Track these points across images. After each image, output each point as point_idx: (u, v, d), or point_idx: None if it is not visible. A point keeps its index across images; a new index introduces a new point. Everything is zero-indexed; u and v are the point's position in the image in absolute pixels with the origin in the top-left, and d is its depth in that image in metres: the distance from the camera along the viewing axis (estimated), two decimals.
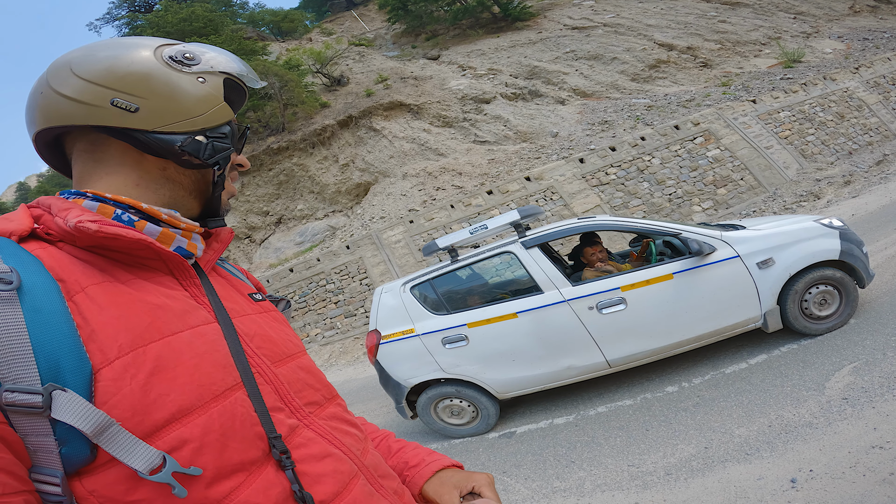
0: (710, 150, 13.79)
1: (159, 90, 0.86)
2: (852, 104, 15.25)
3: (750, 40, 21.07)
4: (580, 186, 13.18)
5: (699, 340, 4.86)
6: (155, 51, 0.90)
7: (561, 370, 4.96)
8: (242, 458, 0.76)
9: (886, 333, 4.48)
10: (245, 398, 0.80)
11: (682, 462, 3.73)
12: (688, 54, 20.63)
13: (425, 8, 29.53)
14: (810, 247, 4.76)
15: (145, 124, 0.85)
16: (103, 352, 0.70)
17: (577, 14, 25.82)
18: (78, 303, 0.73)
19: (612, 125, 16.10)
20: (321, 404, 0.96)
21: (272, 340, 0.95)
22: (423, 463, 1.15)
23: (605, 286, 4.83)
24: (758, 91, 16.11)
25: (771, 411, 3.97)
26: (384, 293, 5.49)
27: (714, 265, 4.71)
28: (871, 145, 14.42)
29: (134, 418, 0.68)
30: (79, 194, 0.86)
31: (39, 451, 0.66)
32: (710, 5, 24.90)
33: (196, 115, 0.90)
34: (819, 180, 12.86)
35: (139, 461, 0.66)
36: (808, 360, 4.50)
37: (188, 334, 0.80)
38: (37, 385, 0.64)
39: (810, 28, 21.86)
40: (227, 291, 0.98)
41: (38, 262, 0.75)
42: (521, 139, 16.81)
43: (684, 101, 16.80)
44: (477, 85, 19.52)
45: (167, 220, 0.89)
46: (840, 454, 3.22)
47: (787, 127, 14.39)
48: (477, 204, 13.27)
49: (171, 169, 0.93)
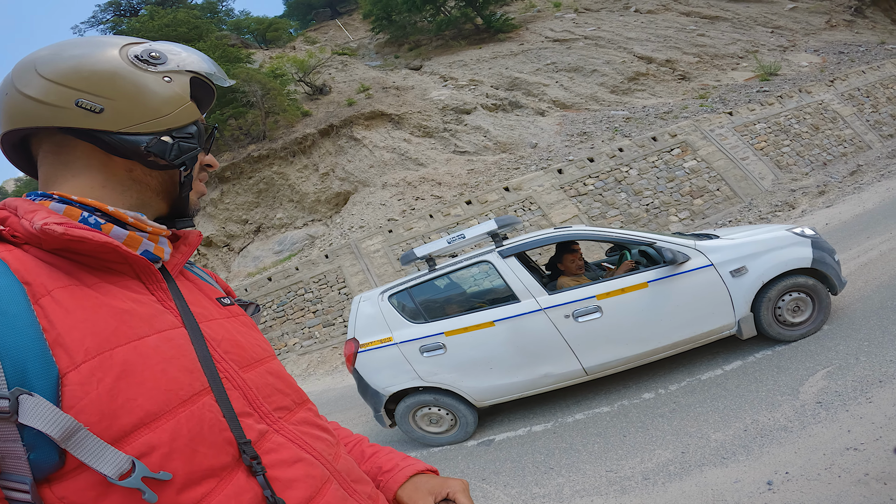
0: (687, 161, 13.96)
1: (124, 90, 0.85)
2: (827, 116, 15.54)
3: (728, 54, 21.38)
4: (558, 197, 13.25)
5: (675, 348, 4.91)
6: (121, 50, 0.89)
7: (538, 378, 4.98)
8: (212, 464, 0.75)
9: (859, 339, 4.57)
10: (213, 403, 0.80)
11: (660, 467, 3.78)
12: (666, 67, 20.88)
13: (409, 18, 29.74)
14: (782, 255, 4.86)
15: (110, 125, 0.84)
16: (70, 355, 0.69)
17: (559, 27, 26.07)
18: (44, 306, 0.72)
19: (591, 136, 16.23)
20: (291, 409, 0.95)
21: (240, 345, 0.94)
22: (396, 468, 1.14)
23: (581, 295, 4.88)
24: (734, 103, 16.34)
25: (746, 416, 4.04)
26: (362, 302, 5.49)
27: (688, 273, 4.79)
28: (846, 156, 14.69)
29: (102, 423, 0.67)
30: (45, 196, 0.85)
31: (7, 458, 0.65)
32: (689, 19, 25.27)
33: (162, 116, 0.89)
34: (794, 190, 13.07)
35: (108, 466, 0.65)
36: (783, 366, 4.59)
37: (155, 339, 0.79)
38: (3, 389, 0.63)
39: (787, 42, 22.22)
40: (195, 296, 0.97)
41: (4, 264, 0.74)
42: (501, 150, 16.88)
43: (662, 113, 16.99)
44: (458, 95, 19.62)
45: (133, 224, 0.88)
46: (815, 456, 3.30)
47: (763, 139, 14.62)
48: (456, 214, 13.29)
49: (137, 170, 0.92)
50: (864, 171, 13.39)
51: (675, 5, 27.11)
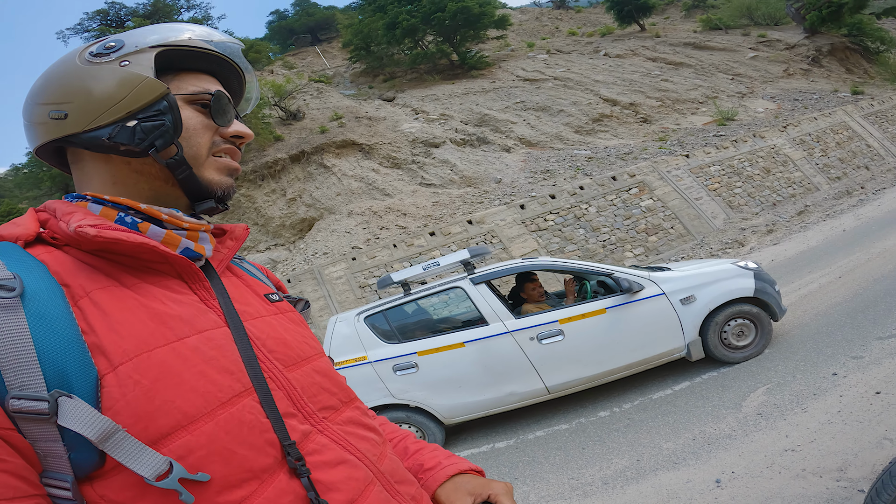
0: (644, 200, 14.50)
1: (76, 90, 0.84)
2: (778, 160, 16.33)
3: (689, 98, 22.26)
4: (519, 231, 13.61)
5: (630, 369, 5.36)
6: (79, 54, 0.87)
7: (504, 396, 5.30)
8: (252, 466, 0.74)
9: (796, 360, 5.10)
10: (255, 404, 0.79)
11: (618, 473, 4.14)
12: (630, 110, 21.65)
13: (387, 50, 30.29)
14: (728, 285, 5.42)
15: (76, 127, 0.84)
16: (108, 357, 0.69)
17: (531, 66, 26.87)
18: (83, 308, 0.73)
19: (554, 174, 16.72)
20: (337, 409, 0.93)
21: (286, 343, 0.92)
22: (438, 466, 1.10)
23: (545, 319, 5.30)
24: (691, 146, 17.02)
25: (694, 427, 4.46)
26: (338, 322, 5.72)
27: (642, 301, 5.30)
28: (794, 197, 15.40)
29: (139, 424, 0.68)
30: (81, 197, 0.86)
31: (49, 457, 0.66)
32: (655, 64, 26.24)
33: (116, 102, 0.84)
34: (744, 229, 13.69)
35: (145, 467, 0.65)
36: (727, 385, 5.06)
37: (195, 339, 0.78)
38: (42, 392, 0.64)
39: (746, 89, 23.21)
40: (241, 292, 0.95)
41: (43, 266, 0.74)
42: (466, 184, 17.26)
43: (623, 153, 17.60)
44: (428, 129, 20.04)
45: (169, 220, 0.88)
46: (757, 458, 3.73)
47: (717, 180, 15.29)
48: (419, 244, 13.54)
49: (134, 162, 0.89)
50: (811, 212, 14.08)
51: (642, 51, 28.15)
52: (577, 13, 44.69)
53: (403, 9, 28.65)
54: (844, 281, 7.32)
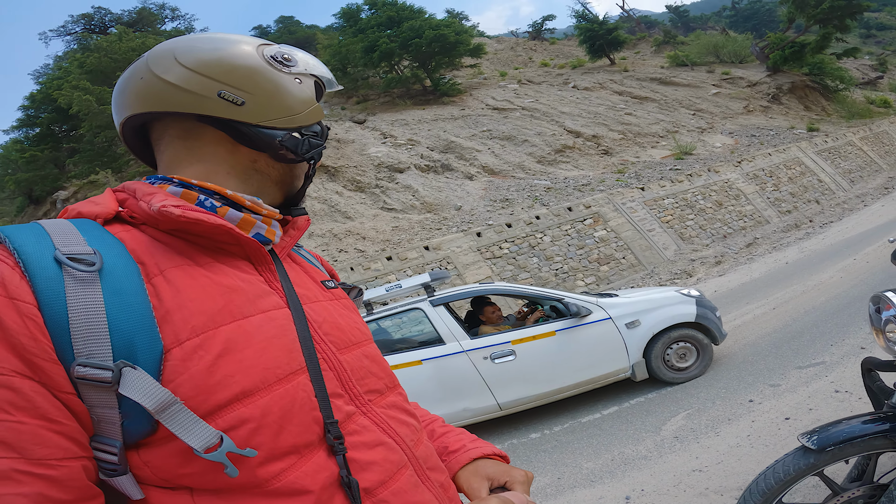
0: (598, 230, 14.87)
1: (264, 87, 0.91)
2: (731, 193, 16.87)
3: (650, 132, 22.89)
4: (475, 258, 13.86)
5: (578, 387, 5.73)
6: (257, 48, 0.95)
7: (458, 412, 5.58)
8: (296, 441, 0.77)
9: (718, 387, 5.45)
10: (307, 383, 0.82)
11: (538, 490, 4.45)
12: (592, 142, 22.20)
13: (362, 73, 30.76)
14: (671, 311, 5.83)
15: (250, 117, 0.89)
16: (175, 333, 0.73)
17: (501, 95, 27.41)
18: (156, 285, 0.76)
19: (512, 203, 17.06)
20: (382, 392, 0.97)
21: (340, 328, 0.96)
22: (462, 449, 1.12)
23: (498, 340, 5.67)
24: (647, 179, 17.50)
25: (615, 449, 4.79)
26: None
27: (590, 325, 5.69)
28: (745, 230, 15.91)
29: (197, 397, 0.71)
30: (165, 179, 0.90)
31: (103, 422, 0.69)
32: (621, 98, 26.96)
33: (295, 114, 0.94)
34: (693, 260, 14.11)
35: (196, 439, 0.68)
36: (651, 410, 5.40)
37: (259, 318, 0.81)
38: (108, 361, 0.67)
39: (706, 124, 23.94)
40: (301, 278, 0.99)
41: (121, 244, 0.78)
42: (427, 209, 17.51)
43: (581, 185, 18.03)
44: (394, 154, 20.31)
45: (250, 207, 0.92)
46: (666, 477, 4.03)
47: (670, 213, 15.75)
48: (376, 268, 13.71)
49: (261, 161, 0.96)
50: (760, 244, 14.57)
51: (610, 84, 28.91)
52: (551, 44, 45.70)
53: (383, 33, 29.20)
54: (777, 312, 7.71)
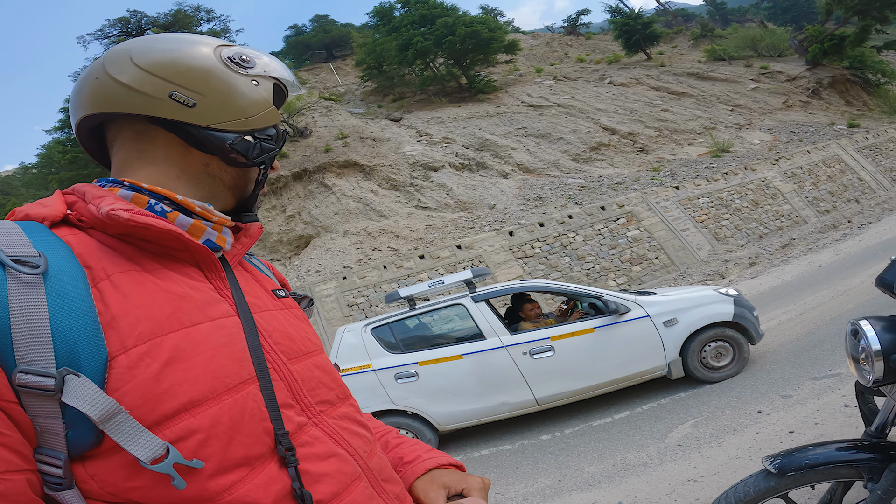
0: (631, 230, 14.85)
1: (217, 88, 0.90)
2: (768, 192, 16.58)
3: (687, 129, 22.61)
4: (506, 257, 14.00)
5: (614, 384, 5.82)
6: (214, 49, 0.94)
7: (496, 406, 5.75)
8: (247, 453, 0.76)
9: (731, 395, 5.42)
10: (257, 393, 0.80)
11: (538, 491, 4.60)
12: (628, 139, 22.07)
13: (398, 70, 30.98)
14: (708, 310, 5.85)
15: (200, 120, 0.88)
16: (121, 339, 0.71)
17: (536, 92, 27.37)
18: (102, 290, 0.74)
19: (546, 202, 17.12)
20: (334, 403, 0.96)
21: (290, 337, 0.95)
22: (417, 459, 1.12)
23: (538, 336, 5.79)
24: (682, 178, 17.35)
25: (618, 454, 4.85)
26: (346, 332, 6.18)
27: (628, 322, 5.76)
28: (781, 230, 15.65)
29: (144, 407, 0.69)
30: (115, 182, 0.88)
31: (46, 433, 0.67)
32: (657, 94, 26.65)
33: (248, 116, 0.93)
34: (727, 261, 13.95)
35: (142, 450, 0.67)
36: (661, 416, 5.41)
37: (207, 326, 0.80)
38: (51, 368, 0.65)
39: (744, 120, 23.53)
40: (251, 286, 0.98)
41: (67, 247, 0.76)
42: (461, 208, 17.68)
43: (615, 183, 17.97)
44: (429, 152, 20.53)
45: (200, 213, 0.91)
46: (662, 485, 4.07)
47: (705, 212, 15.61)
48: (408, 267, 13.96)
49: (213, 165, 0.95)
50: (795, 245, 14.32)
51: (646, 79, 28.59)
52: (587, 39, 45.35)
53: (417, 31, 29.38)
54: (803, 319, 7.58)
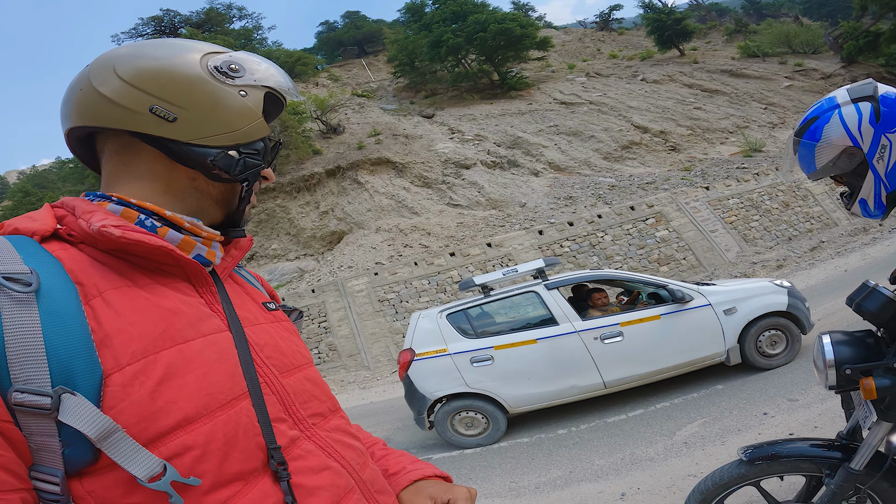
0: (660, 230, 14.95)
1: (200, 102, 0.87)
2: (799, 194, 16.38)
3: (719, 128, 22.48)
4: (535, 256, 14.20)
5: (677, 369, 6.15)
6: (202, 58, 0.90)
7: (566, 389, 6.09)
8: (241, 468, 0.76)
9: (741, 397, 5.63)
10: (250, 408, 0.80)
11: (550, 481, 4.90)
12: (660, 138, 22.05)
13: (430, 67, 31.15)
14: (764, 300, 6.16)
15: (181, 135, 0.85)
16: (115, 357, 0.70)
17: (568, 89, 27.40)
18: (94, 307, 0.73)
19: (576, 201, 17.27)
20: (325, 416, 0.95)
21: (282, 351, 0.94)
22: (403, 471, 1.11)
23: (608, 322, 6.15)
24: (713, 178, 17.32)
25: (627, 449, 5.12)
26: (421, 318, 6.51)
27: (691, 310, 6.07)
28: (811, 232, 15.48)
29: (139, 424, 0.69)
30: (104, 197, 0.86)
31: (42, 451, 0.66)
32: (690, 91, 26.47)
33: (232, 130, 0.90)
34: (755, 263, 13.95)
35: (139, 468, 0.66)
36: (673, 415, 5.66)
37: (200, 342, 0.80)
38: (47, 387, 0.65)
39: (777, 119, 23.27)
40: (242, 299, 0.97)
41: (59, 263, 0.75)
42: (492, 206, 17.91)
43: (645, 183, 18.03)
44: (461, 150, 20.79)
45: (189, 229, 0.89)
46: (664, 479, 4.33)
47: (734, 213, 15.58)
48: (439, 264, 14.26)
49: (200, 179, 0.93)
50: (824, 248, 14.18)
51: (679, 76, 28.38)
52: (619, 35, 44.95)
53: (448, 28, 29.51)
54: (820, 325, 7.54)
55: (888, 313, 1.95)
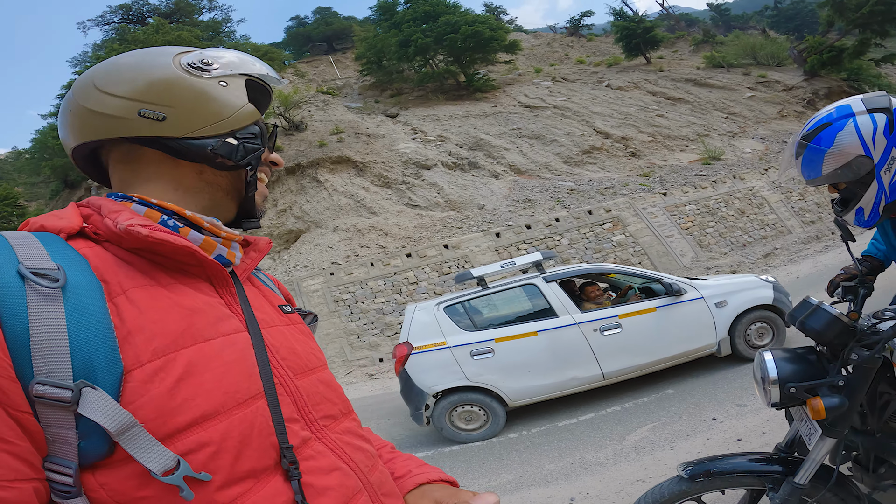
0: (616, 235, 15.04)
1: (183, 97, 0.89)
2: (755, 202, 16.74)
3: (680, 135, 22.74)
4: (492, 258, 14.17)
5: (671, 360, 6.33)
6: (173, 59, 0.92)
7: (566, 380, 6.15)
8: (254, 466, 0.78)
9: (690, 402, 5.72)
10: (265, 408, 0.82)
11: (501, 485, 4.90)
12: (621, 143, 22.19)
13: (398, 66, 30.86)
14: (753, 294, 6.48)
15: (175, 131, 0.88)
16: (137, 354, 0.72)
17: (533, 93, 27.44)
18: (118, 304, 0.75)
19: (534, 204, 17.25)
20: (337, 418, 0.97)
21: (297, 353, 0.96)
22: (408, 475, 1.11)
23: (607, 314, 6.31)
24: (671, 184, 17.50)
25: (577, 453, 5.14)
26: (418, 311, 6.44)
27: (685, 303, 6.33)
28: (765, 239, 15.78)
29: (157, 420, 0.70)
30: (126, 198, 0.89)
31: (58, 443, 0.67)
32: (654, 98, 26.75)
33: (223, 118, 0.92)
34: (709, 268, 14.15)
35: (154, 462, 0.68)
36: (623, 419, 5.71)
37: (219, 342, 0.82)
38: (68, 381, 0.66)
39: (738, 128, 23.65)
40: (259, 301, 0.99)
41: (85, 261, 0.77)
42: (450, 207, 17.81)
43: (604, 188, 18.10)
44: (423, 150, 20.64)
45: (209, 229, 0.92)
46: (613, 484, 4.35)
47: (690, 219, 15.82)
48: (395, 264, 14.12)
49: (207, 172, 0.95)
50: (777, 255, 14.51)
51: (644, 84, 28.68)
52: (588, 41, 45.32)
53: (418, 28, 29.31)
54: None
55: (833, 332, 1.98)
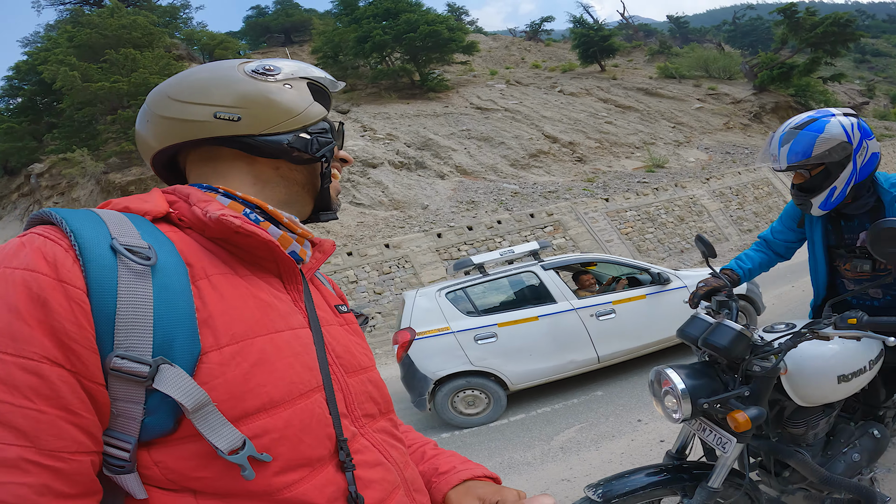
0: (557, 238, 15.10)
1: (254, 98, 0.94)
2: (694, 209, 17.15)
3: (627, 143, 23.15)
4: (432, 258, 14.09)
5: (658, 344, 6.65)
6: (237, 67, 0.98)
7: (564, 364, 6.35)
8: (311, 455, 0.81)
9: (617, 404, 5.85)
10: (322, 401, 0.86)
11: None
12: (568, 148, 22.44)
13: (353, 62, 30.73)
14: None
15: (251, 130, 0.93)
16: (216, 337, 0.75)
17: (486, 95, 27.55)
18: (200, 288, 0.78)
19: (478, 205, 17.30)
20: (375, 417, 1.00)
21: (350, 352, 1.00)
22: (453, 470, 1.13)
23: (602, 300, 6.61)
24: (614, 190, 17.77)
25: (506, 454, 5.22)
26: (419, 296, 6.46)
27: (671, 291, 6.70)
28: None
29: (230, 401, 0.73)
30: (211, 189, 0.93)
31: (121, 417, 0.69)
32: (604, 106, 27.19)
33: (294, 115, 0.97)
34: None
35: (223, 441, 0.70)
36: (552, 420, 5.81)
37: (288, 335, 0.85)
38: (147, 356, 0.68)
39: (684, 138, 24.20)
40: (319, 300, 1.03)
41: (171, 243, 0.81)
42: (394, 206, 17.71)
43: (548, 191, 18.28)
44: (370, 148, 20.47)
45: (287, 224, 0.96)
46: (538, 484, 4.42)
47: (630, 225, 16.06)
48: (335, 263, 13.90)
49: (283, 167, 1.00)
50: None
51: (596, 91, 29.13)
52: (546, 46, 45.87)
53: (378, 25, 29.07)
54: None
55: (739, 347, 2.08)
